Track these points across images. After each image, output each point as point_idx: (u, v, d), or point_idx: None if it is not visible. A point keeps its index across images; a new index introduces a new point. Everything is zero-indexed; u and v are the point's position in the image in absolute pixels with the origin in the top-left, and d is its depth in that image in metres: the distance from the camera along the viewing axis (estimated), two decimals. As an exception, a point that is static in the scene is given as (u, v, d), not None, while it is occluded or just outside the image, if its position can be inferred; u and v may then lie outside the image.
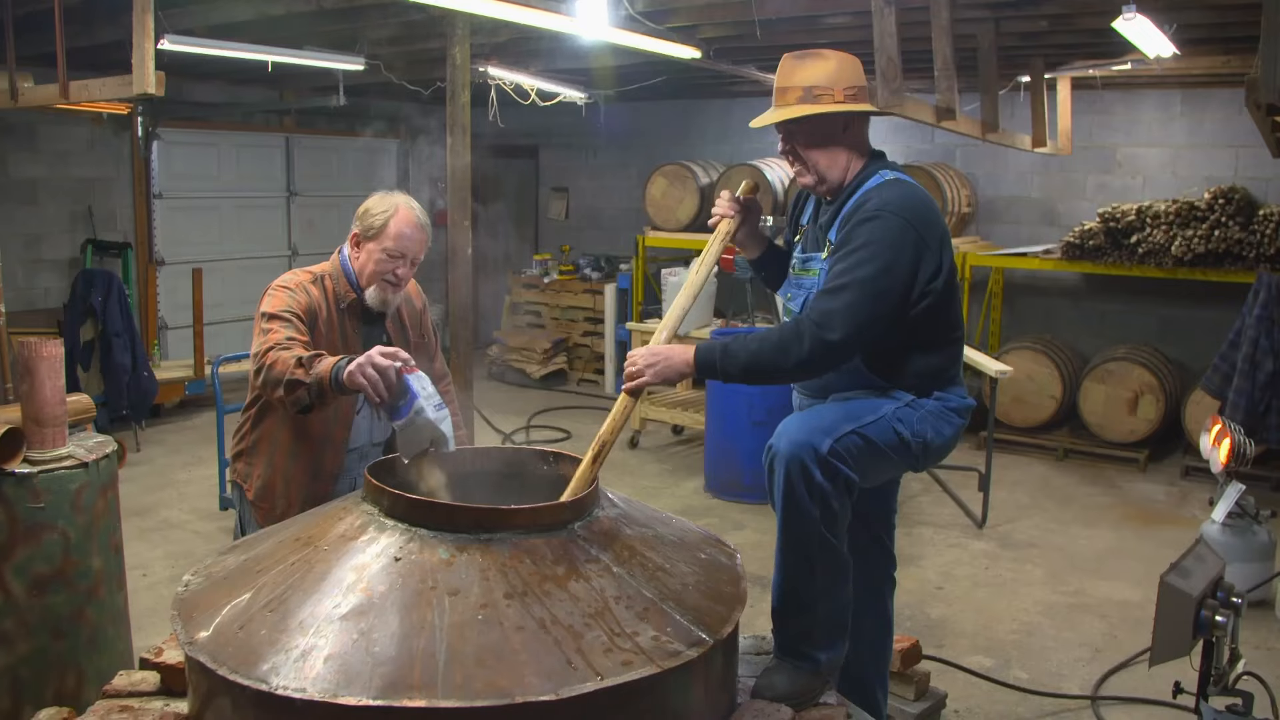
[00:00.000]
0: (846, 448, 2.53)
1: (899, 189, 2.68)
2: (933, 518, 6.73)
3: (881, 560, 3.16)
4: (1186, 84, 8.46)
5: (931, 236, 2.64)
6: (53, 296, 9.00)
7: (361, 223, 3.24)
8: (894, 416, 2.66)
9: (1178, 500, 7.27)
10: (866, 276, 2.56)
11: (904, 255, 2.59)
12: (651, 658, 2.05)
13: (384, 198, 3.27)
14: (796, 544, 2.57)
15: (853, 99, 2.72)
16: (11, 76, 5.97)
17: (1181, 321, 8.73)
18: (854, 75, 2.73)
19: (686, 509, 6.80)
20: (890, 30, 4.89)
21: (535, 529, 2.24)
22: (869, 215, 2.61)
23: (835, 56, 2.74)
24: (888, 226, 2.59)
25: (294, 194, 11.25)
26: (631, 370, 2.65)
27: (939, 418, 2.74)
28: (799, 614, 2.60)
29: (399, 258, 3.20)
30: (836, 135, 2.76)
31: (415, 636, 1.99)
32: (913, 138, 9.82)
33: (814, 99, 2.69)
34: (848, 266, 2.60)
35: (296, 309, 3.11)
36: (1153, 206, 7.76)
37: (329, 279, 3.27)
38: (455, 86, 6.12)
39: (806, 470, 2.48)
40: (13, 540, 3.41)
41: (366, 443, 3.42)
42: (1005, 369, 6.62)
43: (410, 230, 3.21)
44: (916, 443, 2.69)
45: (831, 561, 2.57)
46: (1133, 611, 5.29)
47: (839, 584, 2.61)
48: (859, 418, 2.60)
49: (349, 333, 3.26)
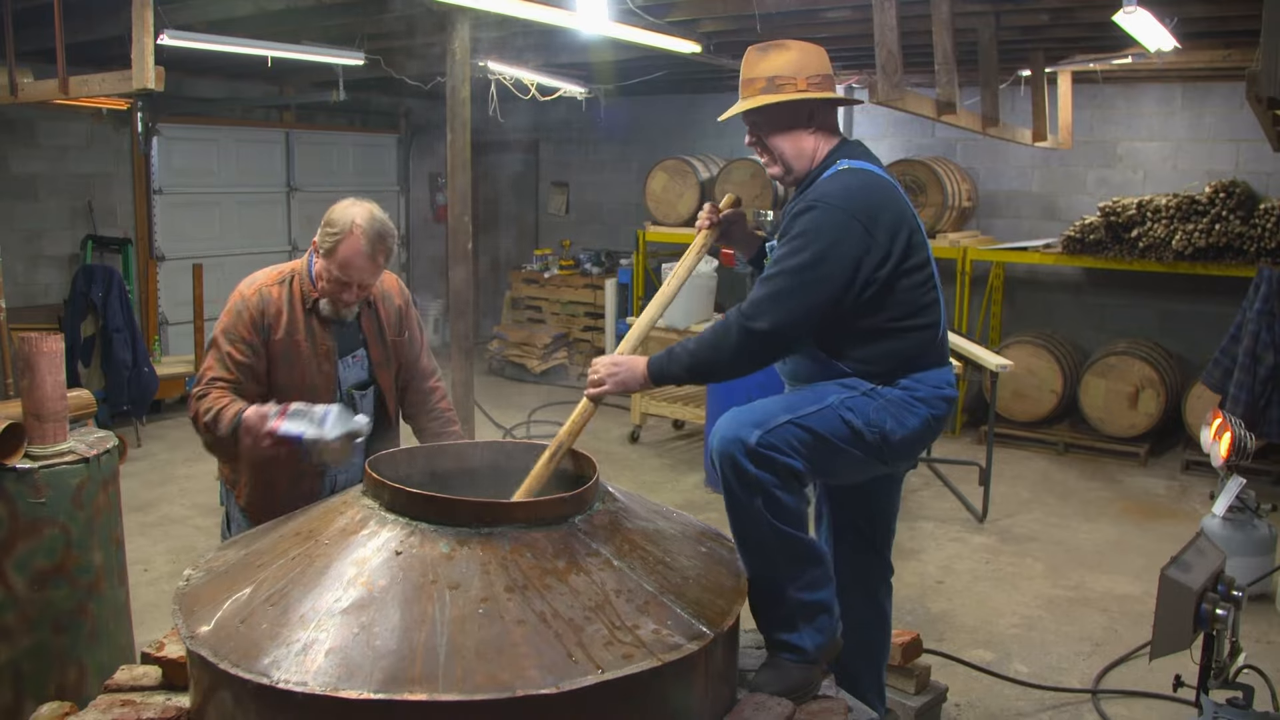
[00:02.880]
0: (784, 439, 2.49)
1: (846, 179, 2.66)
2: (933, 512, 6.73)
3: (878, 567, 3.12)
4: (1187, 78, 8.45)
5: (877, 225, 2.60)
6: (53, 292, 8.99)
7: (321, 233, 3.15)
8: (841, 405, 2.60)
9: (1178, 494, 7.27)
10: (795, 266, 2.55)
11: (841, 245, 2.56)
12: (652, 651, 2.05)
13: (345, 210, 3.13)
14: (747, 536, 2.55)
15: (816, 87, 2.71)
16: (11, 72, 5.97)
17: (1182, 316, 8.72)
18: (817, 64, 2.73)
19: (687, 504, 6.80)
20: (891, 24, 4.88)
21: (536, 523, 2.25)
22: (806, 205, 2.61)
23: (797, 46, 2.74)
24: (822, 216, 2.57)
25: (294, 189, 11.24)
26: (594, 378, 2.68)
27: (902, 407, 2.66)
28: (771, 605, 2.59)
29: (347, 284, 3.14)
30: (801, 124, 2.76)
31: (416, 630, 2.00)
32: (913, 132, 9.81)
33: (776, 88, 2.70)
34: (779, 256, 2.61)
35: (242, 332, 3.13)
36: (1153, 201, 7.75)
37: (297, 279, 3.24)
38: (455, 81, 6.11)
39: (736, 463, 2.47)
40: (14, 535, 3.40)
41: None
42: (1006, 363, 6.62)
43: (358, 260, 3.09)
44: (872, 433, 2.61)
45: (791, 550, 2.54)
46: (1133, 605, 5.30)
47: (806, 569, 2.57)
48: (797, 408, 2.56)
49: (316, 331, 3.21)
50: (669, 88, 10.11)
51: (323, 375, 3.21)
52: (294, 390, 3.16)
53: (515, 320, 11.34)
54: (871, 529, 3.08)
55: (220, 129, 10.45)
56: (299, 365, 3.18)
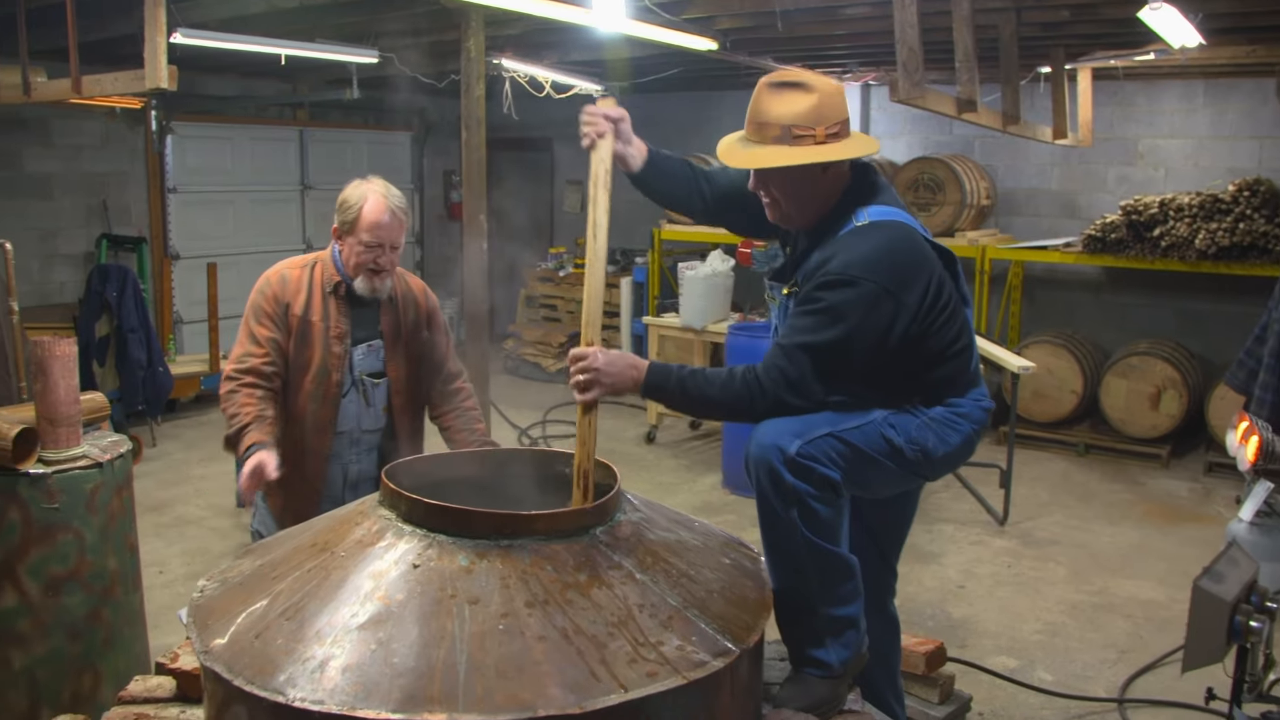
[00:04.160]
0: (822, 450, 2.40)
1: (873, 239, 2.48)
2: (953, 514, 6.66)
3: (886, 577, 3.04)
4: (1210, 74, 8.34)
5: (907, 288, 2.45)
6: (68, 291, 8.99)
7: (339, 216, 3.33)
8: (884, 422, 2.51)
9: (1201, 497, 7.18)
10: (820, 344, 2.42)
11: (870, 318, 2.42)
12: (677, 668, 1.99)
13: (357, 187, 3.32)
14: (779, 547, 2.46)
15: (834, 137, 2.50)
16: (24, 71, 5.95)
17: (1204, 315, 8.62)
18: (836, 109, 2.52)
19: (704, 505, 6.75)
20: (912, 21, 4.82)
21: (556, 534, 2.19)
22: (833, 279, 2.42)
23: (818, 88, 2.51)
24: (854, 294, 2.40)
25: (308, 187, 11.22)
26: (582, 378, 2.48)
27: (944, 424, 2.58)
28: (799, 618, 2.52)
29: (377, 247, 3.28)
30: (815, 177, 2.56)
31: (435, 647, 1.95)
32: (931, 129, 9.73)
33: (793, 139, 2.48)
34: (806, 326, 2.45)
35: (264, 306, 3.34)
36: (1176, 199, 7.66)
37: (320, 265, 3.40)
38: (470, 79, 6.06)
39: (774, 472, 2.38)
40: (27, 541, 3.38)
41: (355, 428, 3.48)
42: (1028, 365, 6.54)
43: (383, 218, 3.27)
44: (913, 450, 2.52)
45: (823, 564, 2.46)
46: (1158, 611, 5.22)
47: (838, 583, 2.49)
48: (839, 422, 2.46)
49: (333, 314, 3.35)
50: (684, 85, 10.03)
51: (334, 356, 3.34)
52: (306, 368, 3.32)
53: (530, 319, 11.30)
54: (886, 539, 3.01)
55: (234, 127, 10.44)
56: (312, 344, 3.34)
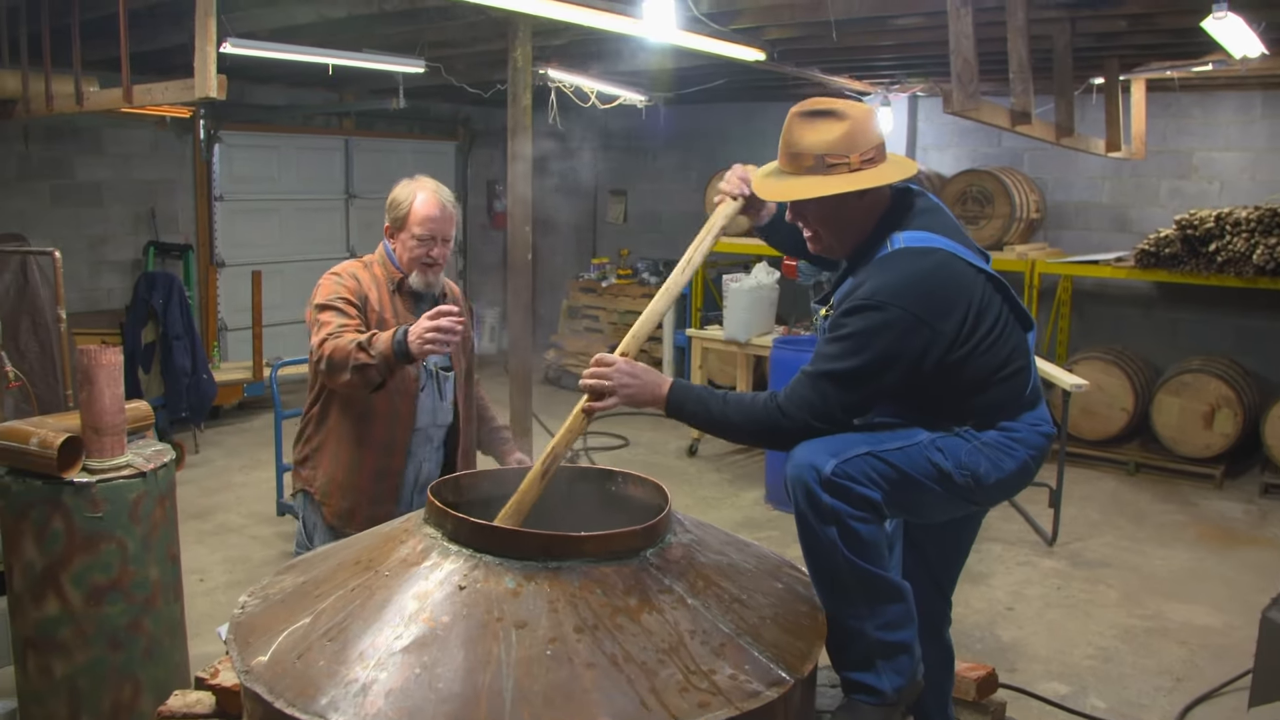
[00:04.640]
0: (861, 469, 2.33)
1: (906, 265, 2.41)
2: (1001, 534, 6.52)
3: (941, 607, 2.95)
4: (1268, 85, 8.15)
5: (941, 315, 2.38)
6: (115, 297, 9.08)
7: (390, 214, 3.41)
8: (931, 445, 2.42)
9: (1257, 519, 6.99)
10: (844, 371, 2.36)
11: (897, 345, 2.36)
12: (729, 699, 1.93)
13: (406, 185, 3.41)
14: (821, 569, 2.39)
15: (869, 163, 2.47)
16: (77, 81, 6.02)
17: (1260, 332, 8.41)
18: (869, 136, 2.48)
19: (747, 521, 6.66)
20: (967, 32, 4.73)
21: (606, 557, 2.14)
22: (859, 305, 2.37)
23: (850, 115, 2.48)
24: (880, 319, 2.34)
25: (353, 196, 11.27)
26: (600, 385, 2.51)
27: (998, 449, 2.47)
28: (847, 643, 2.43)
29: (430, 240, 3.36)
30: (851, 204, 2.52)
31: (480, 672, 1.90)
32: (979, 141, 9.59)
33: (827, 169, 2.45)
34: (830, 353, 2.39)
35: (345, 294, 3.31)
36: (1233, 213, 7.47)
37: (377, 265, 3.47)
38: (516, 89, 6.04)
39: (810, 492, 2.32)
40: (71, 550, 3.37)
41: (430, 423, 3.49)
42: (1081, 383, 6.41)
43: (435, 212, 3.35)
44: (963, 475, 2.43)
45: (868, 586, 2.38)
46: (1214, 638, 5.07)
47: (885, 606, 2.41)
48: (879, 442, 2.39)
49: (400, 310, 3.41)
50: (729, 95, 9.97)
51: None
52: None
53: (572, 329, 11.26)
54: (940, 566, 2.91)
55: (281, 136, 10.50)
56: None
